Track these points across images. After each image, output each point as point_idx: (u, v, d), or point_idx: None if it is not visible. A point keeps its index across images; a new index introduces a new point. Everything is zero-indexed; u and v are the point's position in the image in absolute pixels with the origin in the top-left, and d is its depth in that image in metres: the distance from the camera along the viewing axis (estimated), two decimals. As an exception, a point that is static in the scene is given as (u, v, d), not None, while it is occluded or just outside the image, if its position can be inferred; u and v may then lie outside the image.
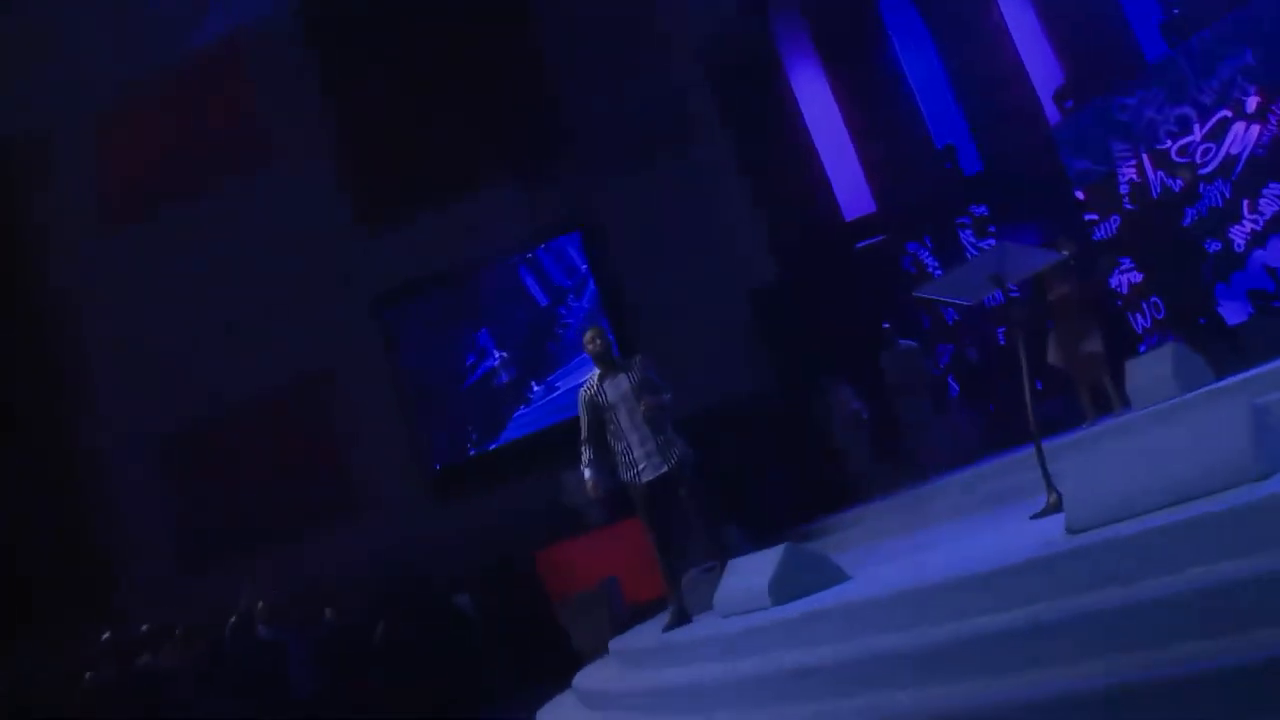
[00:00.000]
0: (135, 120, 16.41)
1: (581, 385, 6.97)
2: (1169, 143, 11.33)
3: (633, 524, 12.57)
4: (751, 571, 5.68)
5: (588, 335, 6.93)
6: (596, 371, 6.90)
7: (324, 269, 15.85)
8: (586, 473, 6.85)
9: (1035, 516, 5.16)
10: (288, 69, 16.18)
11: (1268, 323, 10.18)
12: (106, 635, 11.38)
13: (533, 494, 13.87)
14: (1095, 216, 12.21)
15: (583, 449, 6.89)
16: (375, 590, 13.18)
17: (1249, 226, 10.80)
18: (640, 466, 6.75)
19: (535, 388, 15.63)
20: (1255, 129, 10.72)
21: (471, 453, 15.78)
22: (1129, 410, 8.38)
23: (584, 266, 15.59)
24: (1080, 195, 12.60)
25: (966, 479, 8.90)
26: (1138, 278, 11.78)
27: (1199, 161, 11.06)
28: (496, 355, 15.78)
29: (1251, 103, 10.75)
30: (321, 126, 16.20)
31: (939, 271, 13.09)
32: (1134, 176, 11.73)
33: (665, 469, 6.73)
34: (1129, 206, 11.93)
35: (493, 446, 15.66)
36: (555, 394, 15.38)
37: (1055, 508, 4.98)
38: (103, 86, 16.18)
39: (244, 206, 15.98)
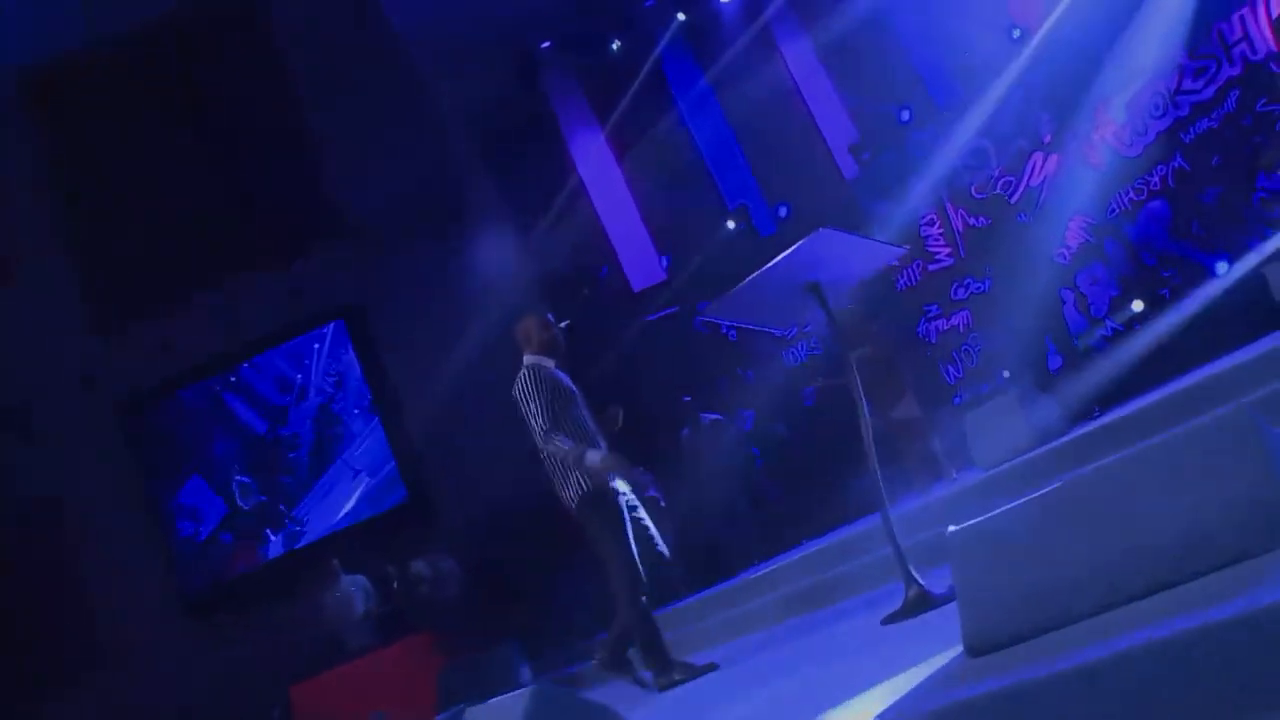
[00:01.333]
0: None
1: (530, 369, 5.57)
2: (968, 178, 10.53)
3: (406, 645, 10.87)
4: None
5: (536, 322, 5.81)
6: (546, 361, 5.65)
7: (63, 376, 13.79)
8: (592, 455, 5.29)
9: (891, 620, 4.09)
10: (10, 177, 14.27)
11: (1087, 362, 9.29)
12: None
13: (290, 620, 11.95)
14: (895, 261, 11.28)
15: (556, 438, 5.33)
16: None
17: (1057, 260, 9.98)
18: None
19: (285, 509, 13.80)
20: (1054, 159, 9.99)
21: (225, 578, 13.76)
22: (970, 471, 7.27)
23: (348, 356, 13.94)
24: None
25: (788, 569, 7.57)
26: (945, 325, 10.84)
27: (999, 194, 10.27)
28: (238, 474, 13.92)
29: (1046, 132, 10.04)
30: (55, 227, 14.28)
31: (733, 333, 11.96)
32: (934, 217, 10.88)
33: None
34: (932, 248, 11.06)
35: (245, 571, 13.68)
36: (306, 515, 13.64)
37: (917, 606, 4.03)
38: None
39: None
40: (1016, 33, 11.70)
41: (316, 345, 14.00)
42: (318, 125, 13.73)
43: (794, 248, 3.87)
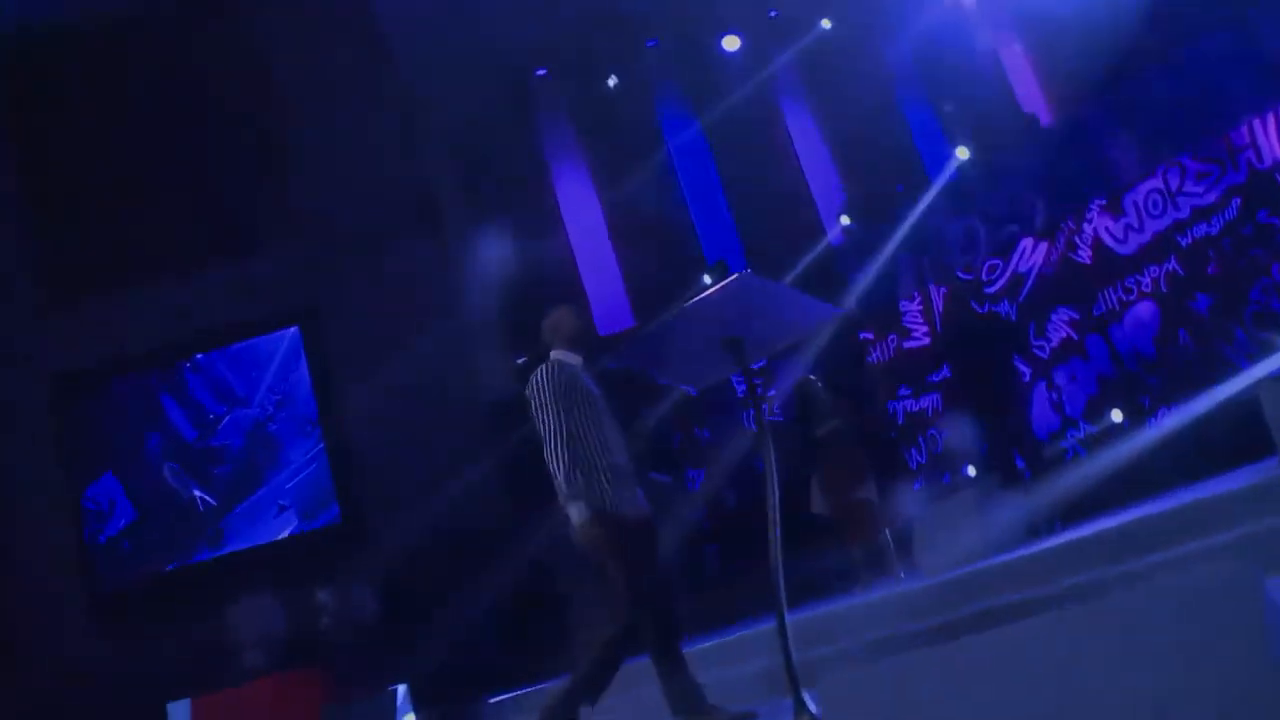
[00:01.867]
0: None
1: (549, 368, 4.66)
2: (955, 257, 10.14)
3: (294, 677, 10.16)
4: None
5: (569, 311, 4.95)
6: (572, 358, 4.77)
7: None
8: (576, 511, 4.46)
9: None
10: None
11: (1056, 467, 8.83)
12: None
13: (209, 628, 11.29)
14: (870, 336, 10.85)
15: (565, 456, 4.49)
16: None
17: (1035, 353, 9.55)
18: (631, 489, 4.63)
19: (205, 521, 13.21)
20: (1044, 247, 9.59)
21: (144, 575, 13.13)
22: (913, 574, 6.79)
23: (297, 373, 13.39)
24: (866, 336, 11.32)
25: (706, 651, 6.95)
26: (914, 406, 10.38)
27: (985, 279, 9.85)
28: (168, 467, 13.31)
29: (1040, 217, 9.66)
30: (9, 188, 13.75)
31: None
32: (915, 292, 10.46)
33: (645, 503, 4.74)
34: (909, 324, 10.63)
35: (170, 568, 13.04)
36: (238, 520, 13.03)
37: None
38: None
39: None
40: (1025, 118, 11.43)
41: (267, 358, 13.47)
42: (294, 125, 13.26)
43: (711, 290, 3.27)
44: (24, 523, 13.12)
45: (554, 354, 4.78)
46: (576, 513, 4.46)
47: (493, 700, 8.31)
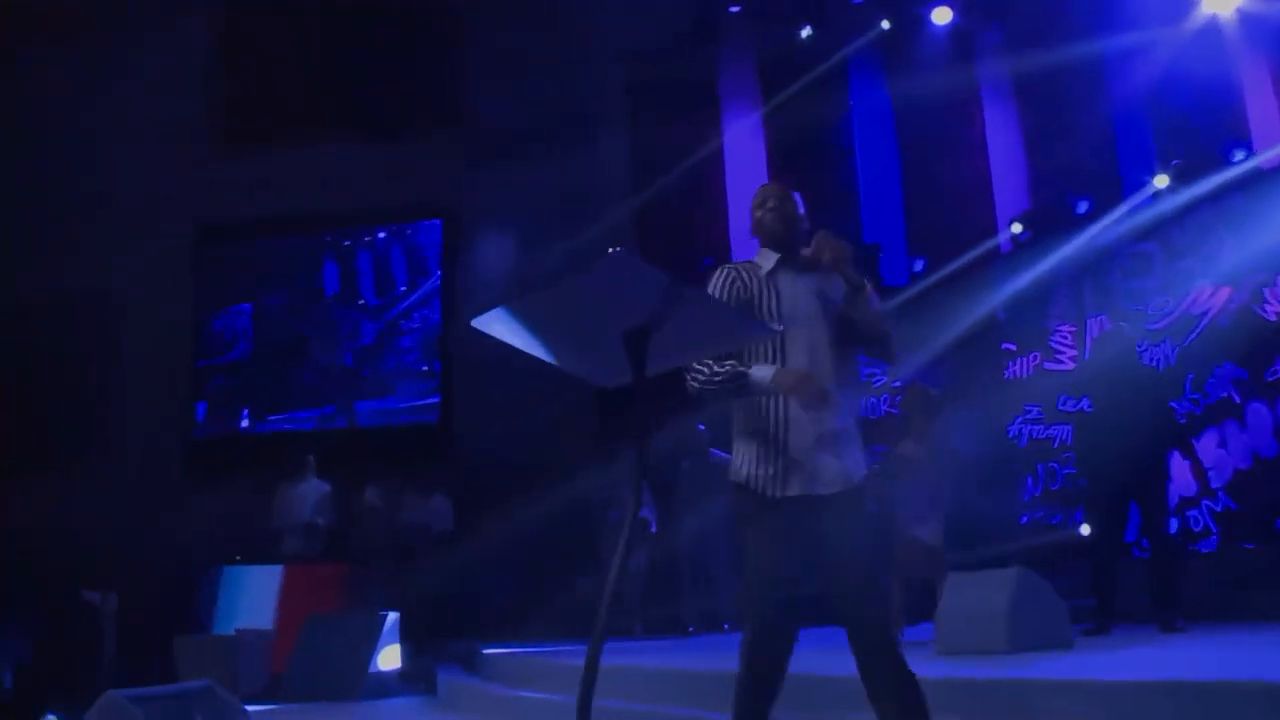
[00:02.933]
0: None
1: (722, 274, 3.45)
2: (1122, 282, 9.12)
3: (314, 571, 9.81)
4: None
5: (770, 192, 3.56)
6: (766, 260, 3.48)
7: (157, 177, 13.40)
8: (760, 370, 3.30)
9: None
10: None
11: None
12: None
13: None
14: (1013, 347, 9.94)
15: (713, 369, 3.33)
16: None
17: (1187, 408, 8.49)
18: (792, 463, 3.32)
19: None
20: (1225, 293, 8.51)
21: (236, 429, 13.24)
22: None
23: (434, 264, 13.20)
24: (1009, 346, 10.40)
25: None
26: (1042, 432, 9.44)
27: (1150, 314, 8.82)
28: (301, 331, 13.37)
29: (1226, 261, 8.57)
30: (198, 22, 13.94)
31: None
32: (1070, 313, 9.50)
33: (838, 488, 3.33)
34: (1056, 345, 9.68)
35: (262, 429, 13.10)
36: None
37: None
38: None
39: (95, 75, 13.52)
40: (1240, 154, 10.24)
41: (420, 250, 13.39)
42: (471, 25, 13.13)
43: (572, 275, 2.22)
44: (143, 344, 13.41)
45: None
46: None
47: (487, 650, 7.83)
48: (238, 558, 10.05)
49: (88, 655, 8.93)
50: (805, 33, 12.10)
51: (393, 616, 8.27)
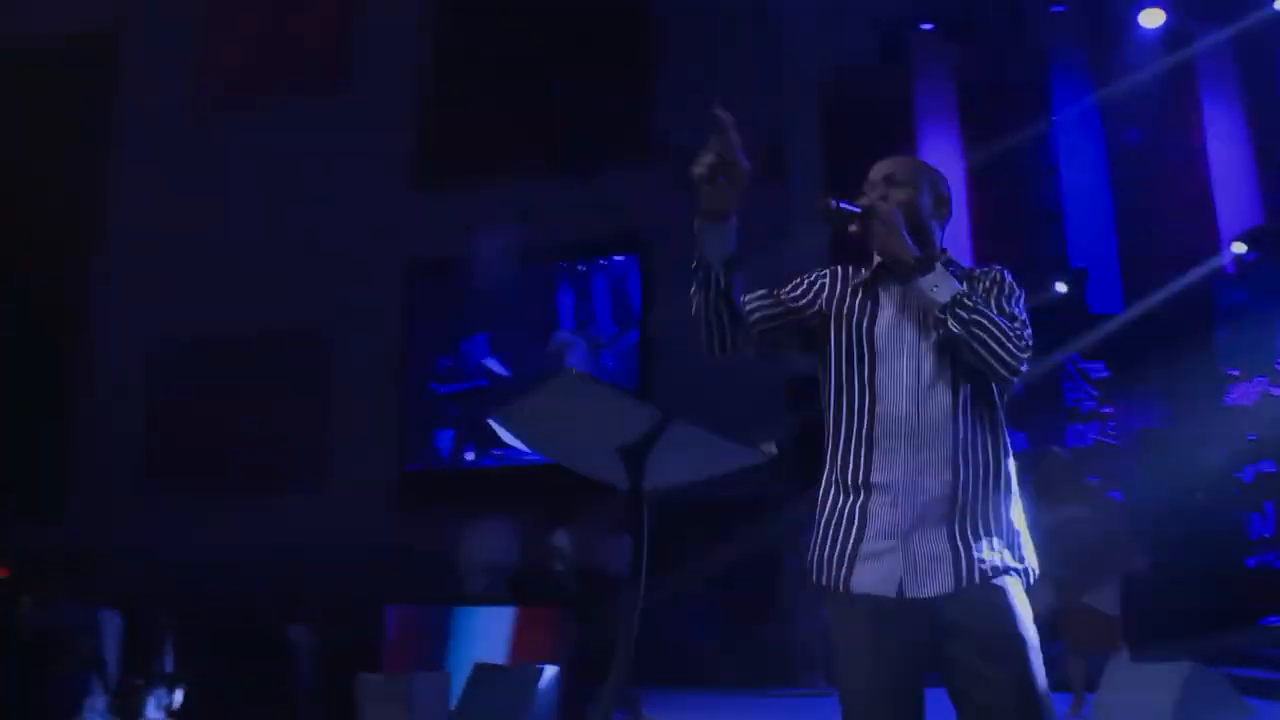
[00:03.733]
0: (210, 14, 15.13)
1: (816, 274, 2.66)
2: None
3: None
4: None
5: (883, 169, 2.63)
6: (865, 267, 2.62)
7: (364, 214, 14.03)
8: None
9: None
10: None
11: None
12: None
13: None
14: (1235, 372, 9.12)
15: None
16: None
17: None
18: (879, 541, 2.41)
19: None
20: None
21: (443, 465, 13.63)
22: None
23: (634, 298, 13.22)
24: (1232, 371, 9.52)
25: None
26: (1271, 467, 8.59)
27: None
28: (496, 366, 13.61)
29: None
30: (406, 63, 14.53)
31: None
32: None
33: (968, 582, 2.34)
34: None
35: (466, 465, 13.43)
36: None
37: None
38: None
39: (307, 126, 14.32)
40: None
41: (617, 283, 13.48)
42: (663, 55, 13.12)
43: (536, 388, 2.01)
44: (355, 388, 14.00)
45: None
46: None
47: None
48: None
49: (275, 688, 9.30)
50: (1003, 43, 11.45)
51: (551, 670, 8.22)
